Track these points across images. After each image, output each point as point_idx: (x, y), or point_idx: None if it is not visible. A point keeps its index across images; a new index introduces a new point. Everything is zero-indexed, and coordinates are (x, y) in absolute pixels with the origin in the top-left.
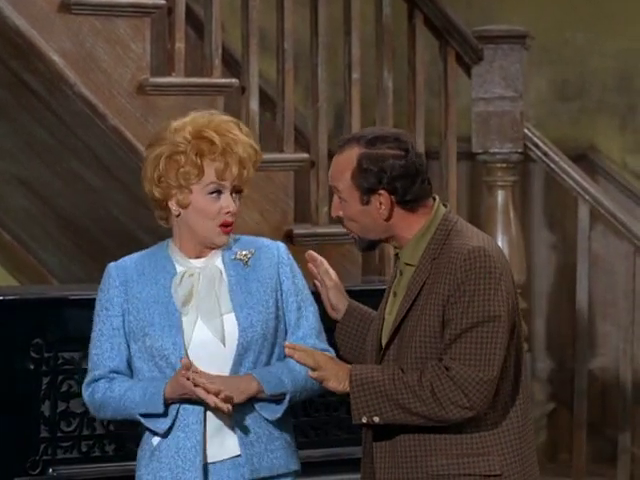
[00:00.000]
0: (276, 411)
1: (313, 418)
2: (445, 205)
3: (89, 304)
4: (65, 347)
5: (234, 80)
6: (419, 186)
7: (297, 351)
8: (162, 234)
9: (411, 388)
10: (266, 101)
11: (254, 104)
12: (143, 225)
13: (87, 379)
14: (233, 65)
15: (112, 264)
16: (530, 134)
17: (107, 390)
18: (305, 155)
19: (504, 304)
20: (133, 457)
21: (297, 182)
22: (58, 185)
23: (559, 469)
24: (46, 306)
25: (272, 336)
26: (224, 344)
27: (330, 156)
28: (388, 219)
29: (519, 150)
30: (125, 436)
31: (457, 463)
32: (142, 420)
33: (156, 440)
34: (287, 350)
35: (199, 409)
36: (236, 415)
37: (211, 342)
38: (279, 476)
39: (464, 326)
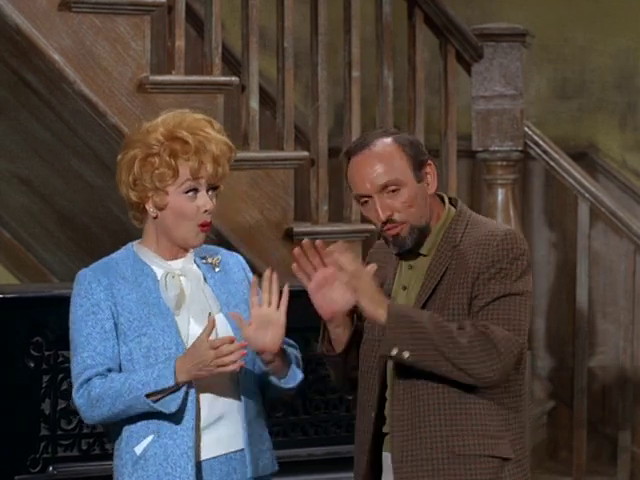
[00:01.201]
0: (296, 376)
1: (312, 416)
2: (450, 200)
3: None
4: (65, 345)
5: (234, 78)
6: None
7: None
8: None
9: (449, 332)
10: (266, 99)
11: (254, 102)
12: None
13: (79, 381)
14: (233, 63)
15: (87, 270)
16: (530, 132)
17: (106, 382)
18: (305, 153)
19: (531, 287)
20: None
21: (297, 180)
22: (58, 183)
23: (559, 467)
24: (46, 304)
25: None
26: None
27: (330, 154)
28: (434, 191)
29: (519, 148)
30: None
31: (481, 444)
32: (149, 404)
33: (140, 448)
34: (333, 249)
35: (191, 412)
36: (232, 414)
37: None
38: (265, 476)
39: (497, 295)
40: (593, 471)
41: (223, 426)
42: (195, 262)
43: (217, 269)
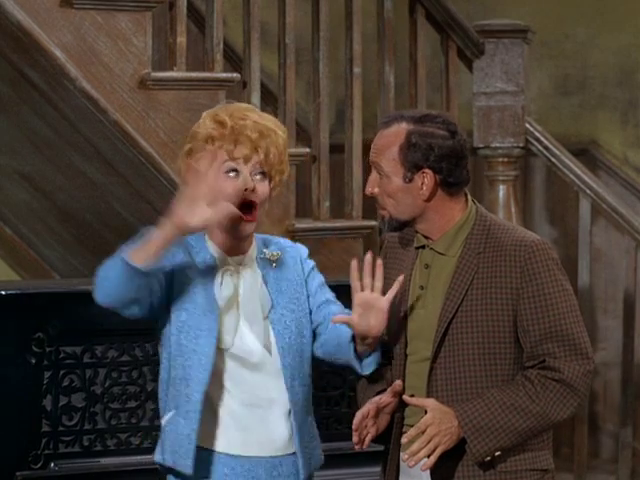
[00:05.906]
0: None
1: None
2: (474, 201)
3: (90, 298)
4: (67, 341)
5: (235, 74)
6: (462, 170)
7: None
8: None
9: (524, 408)
10: (268, 96)
11: (255, 99)
12: (144, 219)
13: None
14: (234, 60)
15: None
16: (531, 128)
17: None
18: (307, 150)
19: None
20: (134, 451)
21: (298, 176)
22: (59, 179)
23: (560, 464)
24: (47, 300)
25: (309, 333)
26: (270, 352)
27: (332, 151)
28: (428, 200)
29: (520, 145)
30: (126, 430)
31: (522, 459)
32: (121, 257)
33: (164, 420)
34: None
35: (197, 395)
36: (279, 412)
37: (256, 348)
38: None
39: (552, 320)
40: (594, 468)
41: (266, 426)
42: (252, 257)
43: (274, 264)
